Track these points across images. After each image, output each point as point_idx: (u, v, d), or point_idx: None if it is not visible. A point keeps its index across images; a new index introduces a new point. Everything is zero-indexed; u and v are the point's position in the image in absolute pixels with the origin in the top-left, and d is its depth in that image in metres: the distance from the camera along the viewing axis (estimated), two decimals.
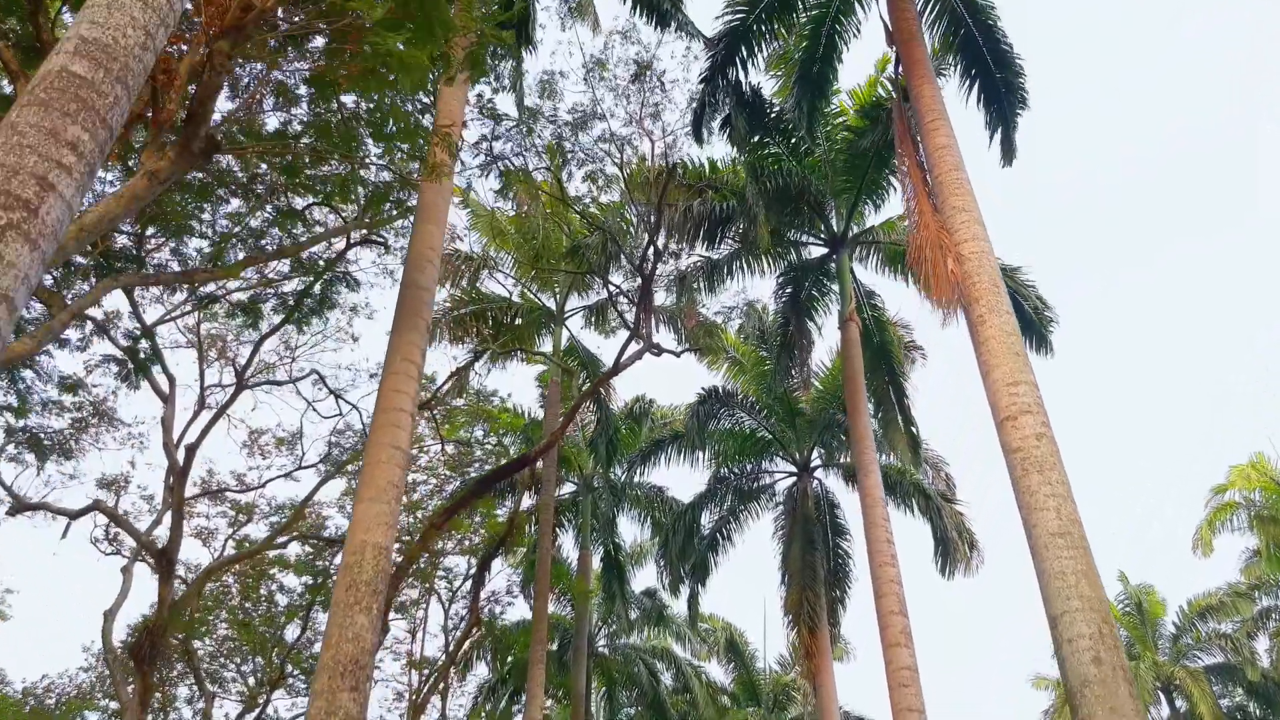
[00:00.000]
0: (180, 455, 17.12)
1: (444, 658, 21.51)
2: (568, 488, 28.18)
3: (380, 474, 7.51)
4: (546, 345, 23.96)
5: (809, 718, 30.99)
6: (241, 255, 12.82)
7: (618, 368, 17.49)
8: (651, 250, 17.60)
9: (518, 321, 23.13)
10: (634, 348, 18.25)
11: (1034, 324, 17.73)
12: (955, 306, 9.63)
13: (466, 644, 20.33)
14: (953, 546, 21.03)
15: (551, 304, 22.75)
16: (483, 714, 25.74)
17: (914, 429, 19.68)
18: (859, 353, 16.99)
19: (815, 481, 23.65)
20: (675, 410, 26.38)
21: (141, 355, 15.42)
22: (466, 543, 24.53)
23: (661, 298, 22.57)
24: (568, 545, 29.61)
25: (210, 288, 14.84)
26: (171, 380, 18.32)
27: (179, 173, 6.63)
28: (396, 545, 23.00)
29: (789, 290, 20.34)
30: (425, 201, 9.79)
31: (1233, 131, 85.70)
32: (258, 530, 21.96)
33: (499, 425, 24.36)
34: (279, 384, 18.39)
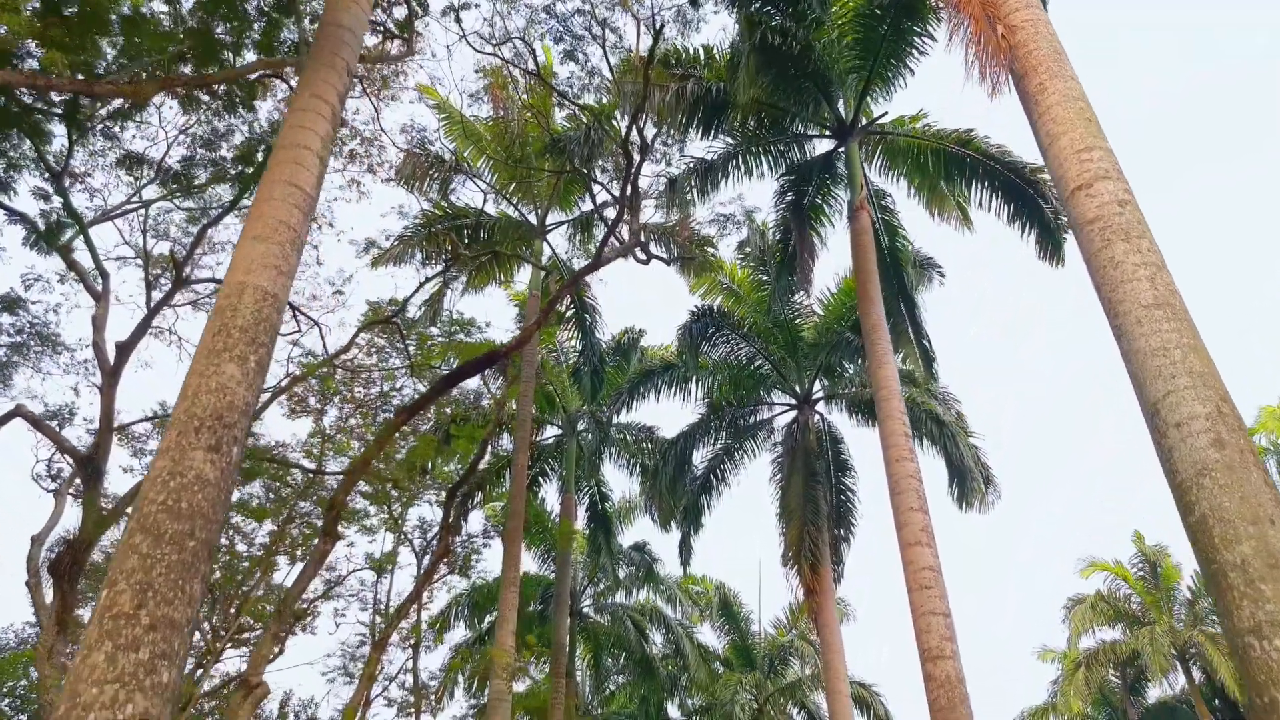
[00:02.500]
0: (111, 352, 15.28)
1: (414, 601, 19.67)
2: (551, 432, 26.38)
3: (271, 211, 5.70)
4: (526, 274, 22.14)
5: (808, 680, 29.21)
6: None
7: (599, 260, 15.71)
8: (636, 133, 15.82)
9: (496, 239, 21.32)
10: (618, 245, 16.48)
11: (1051, 229, 15.97)
12: (1004, 72, 7.86)
13: (437, 574, 18.51)
14: (969, 477, 19.29)
15: (533, 218, 20.91)
16: (457, 671, 23.92)
17: (926, 342, 17.93)
18: (870, 241, 15.23)
19: (817, 416, 21.90)
20: (667, 349, 24.59)
21: (54, 217, 13.54)
22: (443, 495, 22.78)
23: (649, 214, 20.88)
24: (551, 498, 27.81)
25: (138, 147, 13.01)
26: (104, 275, 16.52)
27: None
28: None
29: (790, 196, 18.55)
30: None
31: (1254, 61, 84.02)
32: None
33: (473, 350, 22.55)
34: (220, 283, 16.51)
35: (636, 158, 16.00)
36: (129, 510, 17.13)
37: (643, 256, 18.17)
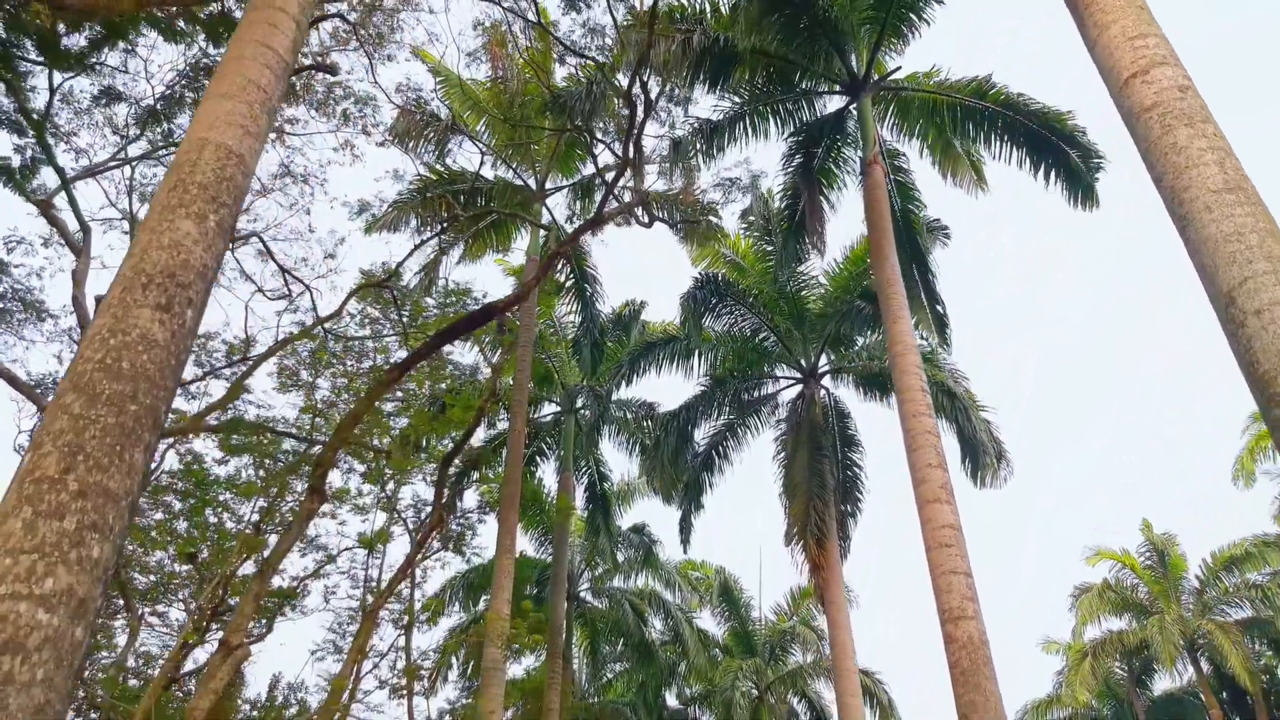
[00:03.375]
0: (90, 307, 14.63)
1: (407, 576, 19.02)
2: (549, 412, 25.75)
3: (240, 69, 5.07)
4: (524, 243, 21.48)
5: (810, 667, 28.57)
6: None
7: (600, 217, 15.08)
8: (639, 86, 15.17)
9: (493, 207, 20.66)
10: (620, 204, 15.86)
11: (1080, 174, 15.38)
12: None
13: (430, 547, 17.79)
14: (981, 451, 18.66)
15: (532, 182, 20.25)
16: (452, 652, 23.23)
17: (940, 307, 17.32)
18: (884, 196, 14.61)
19: (823, 391, 21.29)
20: (669, 325, 23.94)
21: (30, 154, 12.88)
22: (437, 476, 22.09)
23: (652, 181, 20.24)
24: (549, 480, 27.15)
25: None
26: (86, 231, 15.88)
27: None
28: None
29: (799, 159, 17.93)
30: None
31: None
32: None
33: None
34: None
35: (640, 113, 15.37)
36: None
37: (645, 218, 17.59)
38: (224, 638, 11.37)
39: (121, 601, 20.38)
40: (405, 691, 22.34)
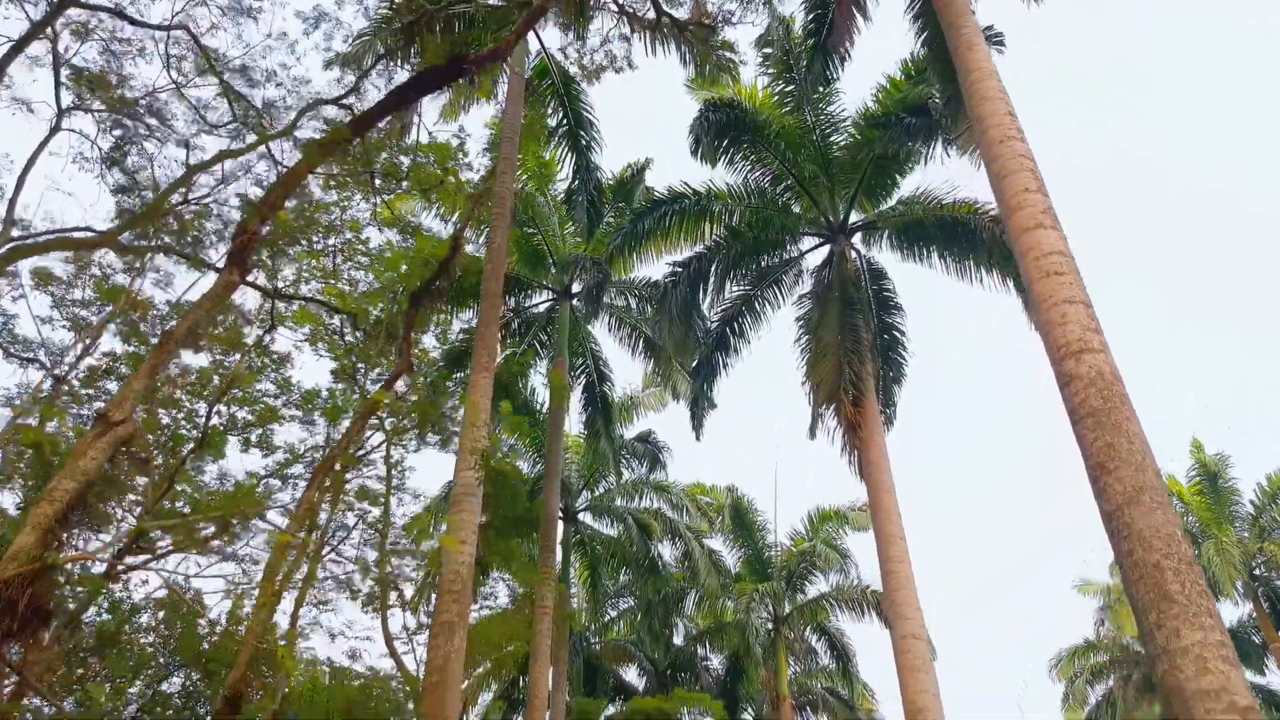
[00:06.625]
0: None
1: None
2: (540, 301, 23.05)
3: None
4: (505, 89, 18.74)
5: (833, 593, 25.88)
6: None
7: None
8: None
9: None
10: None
11: None
12: None
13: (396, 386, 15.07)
14: None
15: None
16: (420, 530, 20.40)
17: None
18: None
19: (854, 254, 18.60)
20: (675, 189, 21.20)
21: None
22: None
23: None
24: (541, 392, 24.45)
25: None
26: None
27: None
28: None
29: None
30: None
31: None
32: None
33: (451, 199, 19.19)
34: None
35: None
36: None
37: (650, 11, 14.94)
38: (104, 411, 8.72)
39: None
40: (379, 604, 19.66)
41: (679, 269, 18.02)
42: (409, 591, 21.24)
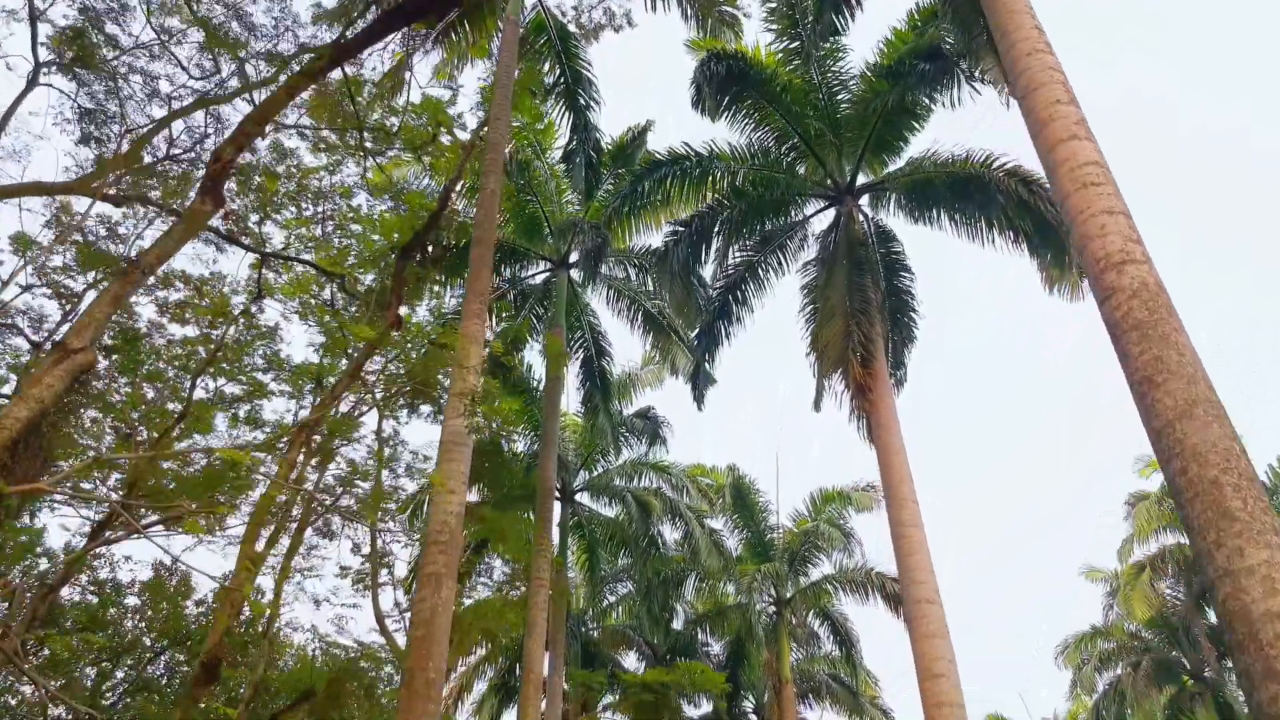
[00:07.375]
0: None
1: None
2: (537, 272, 22.41)
3: None
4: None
5: (837, 575, 25.25)
6: None
7: None
8: None
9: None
10: None
11: None
12: None
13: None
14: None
15: None
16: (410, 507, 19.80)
17: None
18: None
19: (862, 216, 17.97)
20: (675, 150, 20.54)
21: None
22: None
23: None
24: (537, 367, 23.79)
25: None
26: None
27: None
28: None
29: None
30: None
31: None
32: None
33: (442, 161, 18.50)
34: None
35: None
36: None
37: None
38: (62, 339, 8.08)
39: None
40: (371, 583, 19.02)
41: (680, 228, 17.37)
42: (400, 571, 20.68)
